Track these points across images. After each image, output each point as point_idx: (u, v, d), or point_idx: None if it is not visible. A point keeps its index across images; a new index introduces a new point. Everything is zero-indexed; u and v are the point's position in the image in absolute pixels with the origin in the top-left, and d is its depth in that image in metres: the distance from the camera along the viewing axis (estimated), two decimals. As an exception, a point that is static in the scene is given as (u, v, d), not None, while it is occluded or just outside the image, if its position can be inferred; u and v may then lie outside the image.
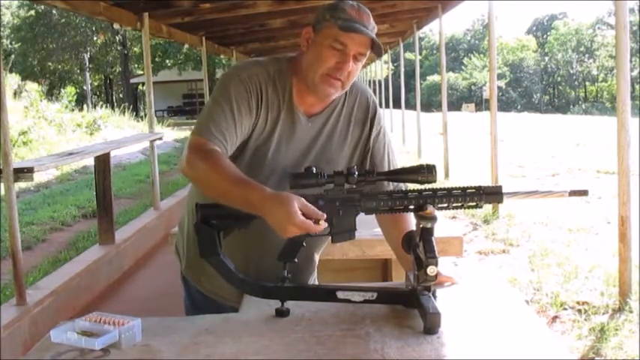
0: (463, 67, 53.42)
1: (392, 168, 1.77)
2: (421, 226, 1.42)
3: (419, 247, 1.43)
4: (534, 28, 63.11)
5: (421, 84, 18.63)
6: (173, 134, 18.55)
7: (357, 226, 1.51)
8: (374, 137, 1.76)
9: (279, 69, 1.67)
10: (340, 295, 1.49)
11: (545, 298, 3.94)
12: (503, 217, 6.18)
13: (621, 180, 3.70)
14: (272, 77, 1.65)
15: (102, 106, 20.21)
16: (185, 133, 19.62)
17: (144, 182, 9.81)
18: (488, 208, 6.25)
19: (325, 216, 1.39)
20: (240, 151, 1.64)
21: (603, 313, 3.61)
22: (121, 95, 35.73)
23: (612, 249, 4.42)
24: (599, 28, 53.09)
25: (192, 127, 1.68)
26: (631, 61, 6.32)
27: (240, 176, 1.45)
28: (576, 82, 53.70)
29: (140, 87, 34.15)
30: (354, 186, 1.50)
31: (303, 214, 1.35)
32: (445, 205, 1.46)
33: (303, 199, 1.38)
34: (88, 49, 30.23)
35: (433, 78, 45.96)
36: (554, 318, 3.67)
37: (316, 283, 1.93)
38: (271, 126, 1.65)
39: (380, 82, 21.94)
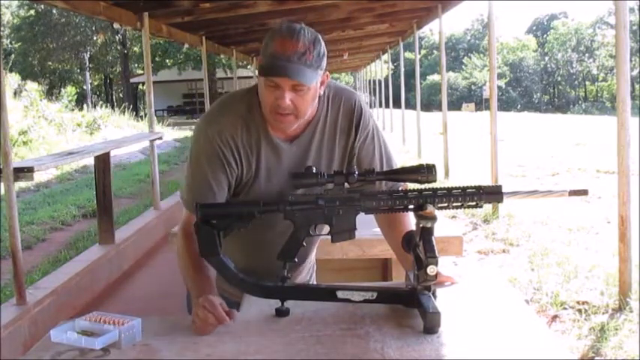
0: (463, 66, 53.41)
1: (387, 167, 1.74)
2: (421, 225, 1.42)
3: (419, 247, 1.42)
4: (534, 28, 63.10)
5: (421, 83, 18.61)
6: (173, 134, 18.57)
7: (357, 226, 1.51)
8: (360, 144, 1.70)
9: (250, 104, 1.61)
10: (340, 294, 1.49)
11: (545, 297, 3.94)
12: (503, 217, 6.18)
13: (621, 180, 3.70)
14: (244, 118, 1.60)
15: (102, 106, 20.20)
16: (185, 132, 19.62)
17: (144, 182, 9.81)
18: (488, 207, 6.25)
19: (228, 320, 1.43)
20: (235, 190, 1.64)
21: (603, 313, 3.61)
22: (121, 95, 35.72)
23: (612, 249, 4.42)
24: (599, 27, 53.07)
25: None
26: (631, 61, 6.32)
27: (203, 272, 1.57)
28: (576, 82, 53.71)
29: (140, 86, 34.15)
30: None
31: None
32: (445, 204, 1.46)
33: (215, 306, 1.43)
34: (88, 48, 30.23)
35: (433, 77, 45.96)
36: (554, 318, 3.67)
37: (314, 282, 1.93)
38: (255, 165, 1.62)
39: (380, 81, 21.99)
